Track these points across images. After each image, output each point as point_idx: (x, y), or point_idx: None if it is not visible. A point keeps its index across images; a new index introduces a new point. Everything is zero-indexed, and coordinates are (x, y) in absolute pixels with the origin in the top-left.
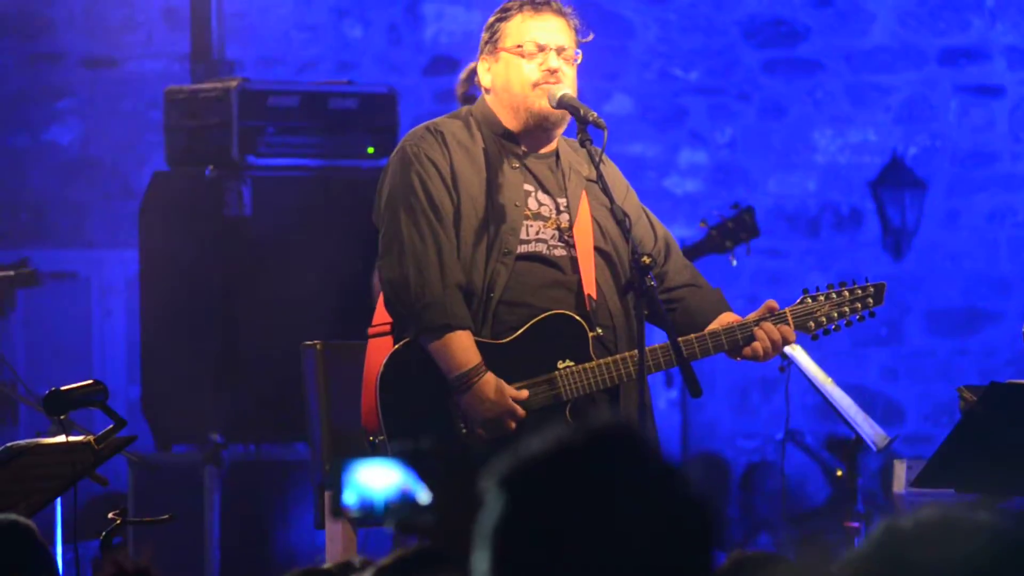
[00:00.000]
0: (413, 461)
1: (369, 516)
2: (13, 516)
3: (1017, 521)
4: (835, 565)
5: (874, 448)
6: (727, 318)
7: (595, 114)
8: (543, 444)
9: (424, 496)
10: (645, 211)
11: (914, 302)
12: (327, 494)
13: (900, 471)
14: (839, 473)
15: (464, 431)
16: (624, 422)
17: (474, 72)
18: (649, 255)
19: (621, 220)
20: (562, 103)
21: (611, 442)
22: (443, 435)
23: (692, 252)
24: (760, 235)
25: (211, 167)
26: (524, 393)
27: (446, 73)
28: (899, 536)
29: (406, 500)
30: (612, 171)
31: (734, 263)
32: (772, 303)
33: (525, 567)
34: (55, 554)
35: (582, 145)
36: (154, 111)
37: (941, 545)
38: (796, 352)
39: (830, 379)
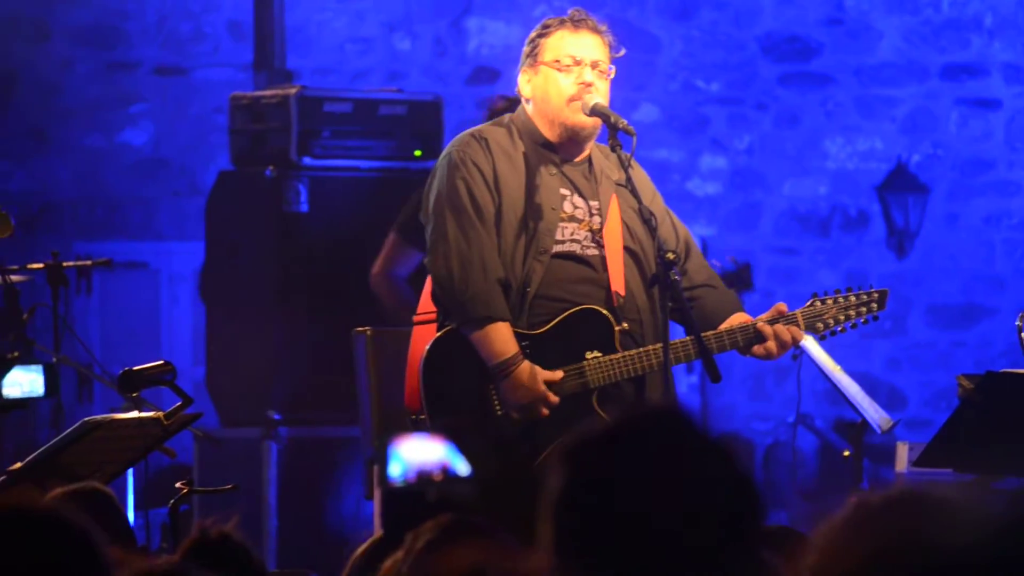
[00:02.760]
0: (453, 437)
1: (412, 488)
2: (94, 483)
3: (1002, 501)
4: (811, 535)
5: (878, 431)
6: (739, 318)
7: (625, 121)
8: (602, 423)
9: (462, 469)
10: (669, 213)
11: (916, 298)
12: (375, 468)
13: (902, 452)
14: (846, 454)
15: (500, 412)
16: (676, 403)
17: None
18: (674, 251)
19: (648, 219)
20: (595, 111)
21: (665, 421)
22: (480, 415)
23: None
24: (754, 289)
25: (271, 167)
26: (559, 374)
27: (487, 83)
28: (868, 510)
29: (446, 473)
30: (640, 175)
31: None
32: (782, 306)
33: (584, 538)
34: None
35: (613, 150)
36: (220, 115)
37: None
38: (808, 342)
39: (839, 367)
